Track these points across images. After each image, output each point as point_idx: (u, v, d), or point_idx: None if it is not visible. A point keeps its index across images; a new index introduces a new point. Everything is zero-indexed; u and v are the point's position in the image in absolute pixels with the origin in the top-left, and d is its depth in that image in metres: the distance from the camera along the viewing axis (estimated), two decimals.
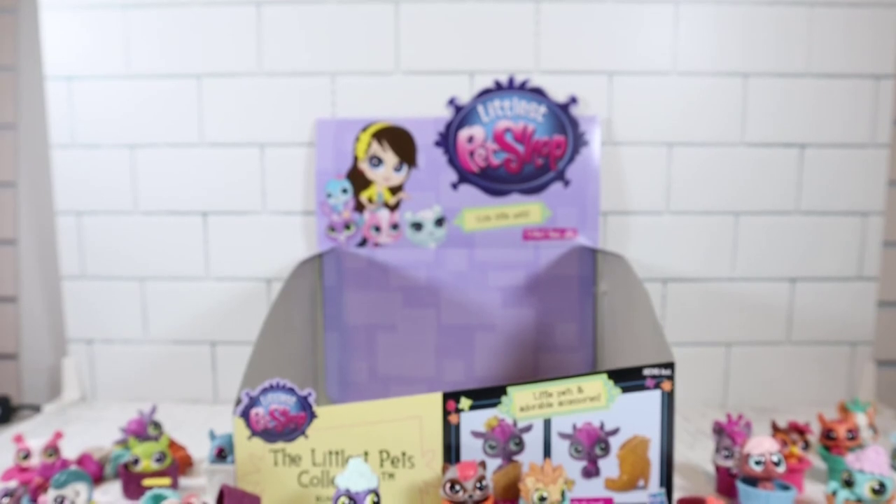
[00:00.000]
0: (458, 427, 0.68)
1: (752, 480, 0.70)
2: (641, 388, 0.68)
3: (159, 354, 1.15)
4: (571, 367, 1.09)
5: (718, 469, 0.78)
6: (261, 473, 0.69)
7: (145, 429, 0.86)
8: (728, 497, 0.76)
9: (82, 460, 0.82)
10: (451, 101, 1.07)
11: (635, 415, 0.68)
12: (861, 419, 0.85)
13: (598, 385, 0.68)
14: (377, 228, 1.09)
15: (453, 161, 1.08)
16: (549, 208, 1.08)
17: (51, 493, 0.66)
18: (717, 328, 1.13)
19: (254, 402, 0.68)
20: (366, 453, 0.68)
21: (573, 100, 1.06)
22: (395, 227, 1.09)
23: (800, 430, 0.89)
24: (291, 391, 0.68)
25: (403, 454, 0.68)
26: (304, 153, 1.11)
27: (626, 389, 0.68)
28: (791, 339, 1.13)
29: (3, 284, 1.22)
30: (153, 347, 1.15)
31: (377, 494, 0.60)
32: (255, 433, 0.68)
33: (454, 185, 1.08)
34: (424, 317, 1.10)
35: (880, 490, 0.65)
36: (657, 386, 0.68)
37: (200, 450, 0.89)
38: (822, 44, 1.08)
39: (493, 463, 0.69)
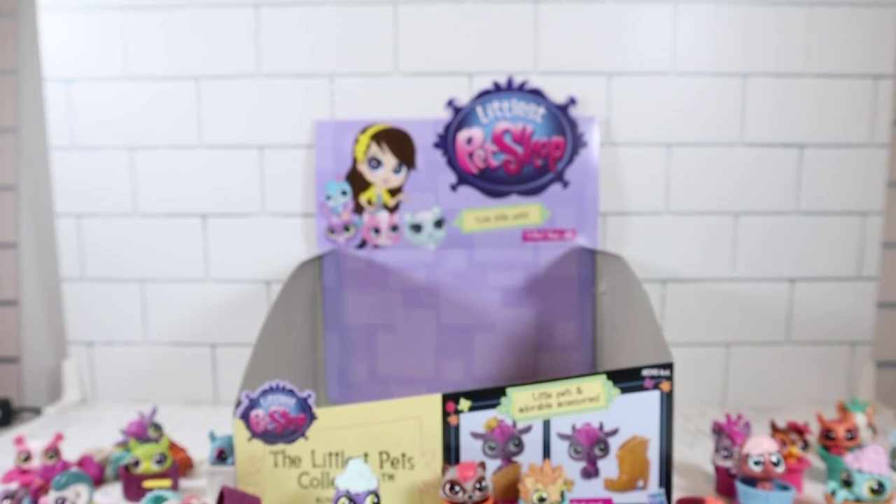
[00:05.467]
0: (457, 428, 0.68)
1: (752, 480, 0.70)
2: (640, 388, 0.68)
3: (159, 356, 1.15)
4: (571, 368, 1.09)
5: (718, 469, 0.78)
6: (261, 475, 0.69)
7: (146, 430, 0.87)
8: (727, 497, 0.77)
9: (83, 462, 0.82)
10: (450, 103, 1.07)
11: (634, 415, 0.68)
12: (860, 419, 0.85)
13: (597, 386, 0.68)
14: (376, 230, 1.09)
15: (452, 162, 1.08)
16: (549, 209, 1.08)
17: (51, 495, 0.66)
18: (716, 328, 1.13)
19: (254, 403, 0.68)
20: (365, 454, 0.68)
21: (572, 101, 1.06)
22: (394, 228, 1.09)
23: (799, 430, 0.89)
24: (291, 393, 0.68)
25: (403, 455, 0.68)
26: (303, 155, 1.11)
27: (625, 390, 0.68)
28: (790, 339, 1.13)
29: (3, 287, 1.22)
30: (153, 349, 1.15)
31: (377, 495, 0.60)
32: (255, 435, 0.68)
33: (453, 187, 1.08)
34: (424, 317, 1.10)
35: (879, 490, 0.65)
36: (656, 386, 0.68)
37: (201, 451, 0.89)
38: (821, 44, 1.08)
39: (493, 464, 0.69)
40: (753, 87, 1.09)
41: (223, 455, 0.76)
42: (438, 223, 1.09)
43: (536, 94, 1.06)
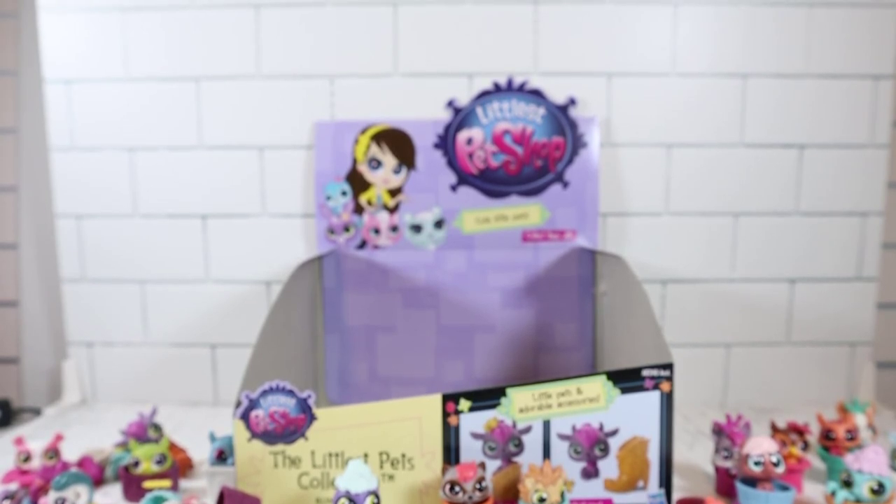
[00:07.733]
0: (457, 428, 0.68)
1: (752, 481, 0.70)
2: (640, 388, 0.68)
3: (159, 357, 1.15)
4: (571, 368, 1.09)
5: (718, 469, 0.78)
6: (261, 475, 0.69)
7: (145, 431, 0.87)
8: (727, 498, 0.77)
9: (83, 462, 0.82)
10: (450, 103, 1.07)
11: (634, 416, 0.68)
12: (860, 419, 0.85)
13: (597, 386, 0.68)
14: (376, 230, 1.09)
15: (452, 163, 1.08)
16: (549, 210, 1.08)
17: (51, 496, 0.66)
18: (716, 329, 1.13)
19: (254, 404, 0.68)
20: (365, 455, 0.68)
21: (572, 101, 1.06)
22: (394, 229, 1.09)
23: (799, 431, 0.89)
24: (291, 393, 0.68)
25: (403, 455, 0.68)
26: (303, 156, 1.11)
27: (625, 390, 0.68)
28: (790, 339, 1.13)
29: (3, 288, 1.22)
30: (153, 350, 1.15)
31: (377, 496, 0.60)
32: (255, 435, 0.68)
33: (453, 187, 1.08)
34: (424, 318, 1.10)
35: (879, 490, 0.65)
36: (656, 387, 0.68)
37: (201, 452, 0.89)
38: (821, 44, 1.08)
39: (493, 464, 0.69)
40: (753, 87, 1.09)
41: (223, 455, 0.76)
42: (438, 224, 1.09)
43: (536, 95, 1.06)
